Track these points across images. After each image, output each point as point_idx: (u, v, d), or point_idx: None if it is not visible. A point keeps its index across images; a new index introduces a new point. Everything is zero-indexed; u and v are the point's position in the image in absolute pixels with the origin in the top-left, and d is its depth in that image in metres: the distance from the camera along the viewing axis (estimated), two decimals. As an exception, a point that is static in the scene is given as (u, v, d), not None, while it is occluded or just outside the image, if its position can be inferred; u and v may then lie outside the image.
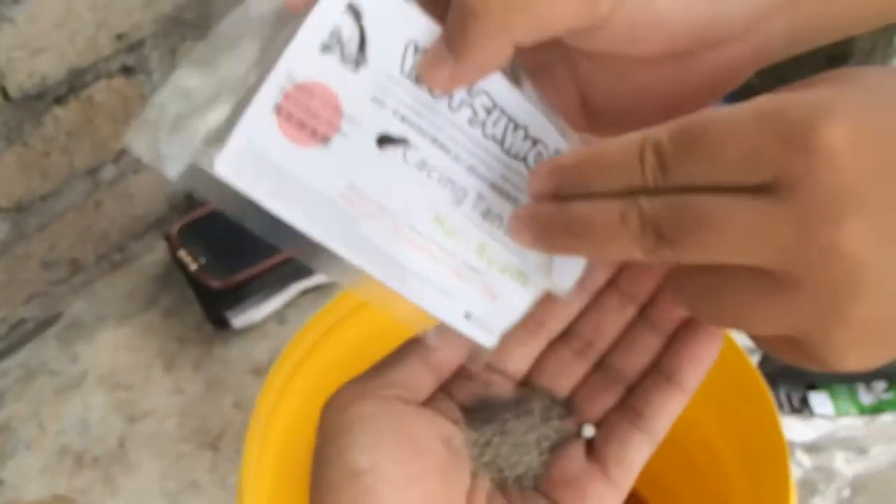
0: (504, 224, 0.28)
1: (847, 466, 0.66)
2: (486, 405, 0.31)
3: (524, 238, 0.27)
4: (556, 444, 0.31)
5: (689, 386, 0.30)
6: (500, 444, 0.30)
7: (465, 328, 0.29)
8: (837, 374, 0.69)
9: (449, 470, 0.29)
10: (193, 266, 0.76)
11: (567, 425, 0.31)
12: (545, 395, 0.31)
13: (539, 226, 0.26)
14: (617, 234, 0.24)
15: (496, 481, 0.30)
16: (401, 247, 0.26)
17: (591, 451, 0.31)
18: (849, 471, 0.65)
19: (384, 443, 0.28)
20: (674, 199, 0.23)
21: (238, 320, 0.75)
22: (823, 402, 0.69)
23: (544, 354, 0.32)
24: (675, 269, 0.26)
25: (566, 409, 0.31)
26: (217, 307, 0.76)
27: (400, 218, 0.26)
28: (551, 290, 0.30)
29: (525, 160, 0.28)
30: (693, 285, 0.25)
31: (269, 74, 0.23)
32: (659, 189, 0.23)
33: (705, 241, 0.22)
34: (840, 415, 0.68)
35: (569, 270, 0.30)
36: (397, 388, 0.29)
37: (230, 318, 0.75)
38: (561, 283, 0.30)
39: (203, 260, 0.76)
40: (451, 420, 0.30)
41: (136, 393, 0.74)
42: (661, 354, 0.31)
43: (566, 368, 0.32)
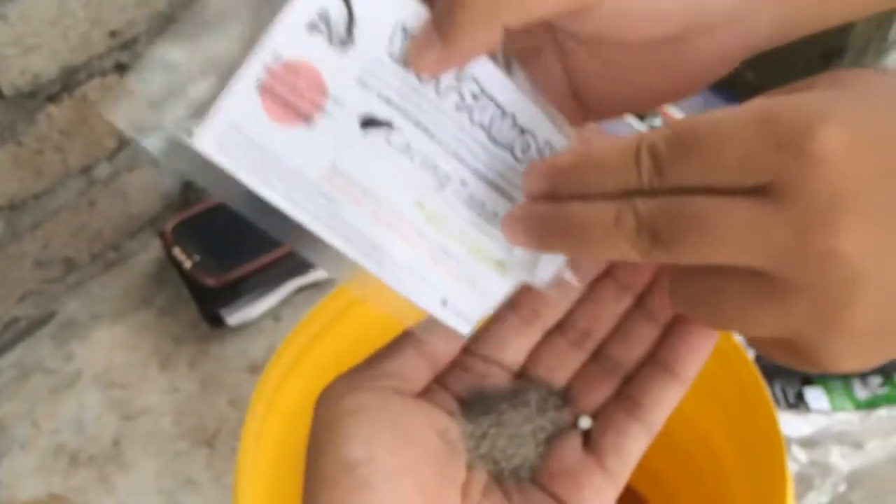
0: (487, 211, 0.28)
1: (843, 461, 0.66)
2: (482, 397, 0.31)
3: (518, 238, 0.27)
4: (553, 435, 0.30)
5: (687, 376, 0.30)
6: (496, 435, 0.30)
7: (441, 315, 0.28)
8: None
9: (444, 462, 0.29)
10: (188, 264, 0.75)
11: (563, 416, 0.31)
12: (541, 387, 0.31)
13: (533, 226, 0.26)
14: (612, 236, 0.24)
15: (492, 473, 0.30)
16: (380, 230, 0.26)
17: (587, 442, 0.30)
18: (845, 465, 0.65)
19: (379, 435, 0.28)
20: (669, 201, 0.23)
21: (233, 318, 0.75)
22: (819, 397, 0.69)
23: (540, 345, 0.32)
24: (670, 271, 0.26)
25: (563, 400, 0.31)
26: (212, 305, 0.75)
27: (381, 201, 0.26)
28: (529, 282, 0.30)
29: (512, 150, 0.28)
30: (689, 288, 0.25)
31: (255, 51, 0.23)
32: (654, 191, 0.23)
33: (701, 242, 0.22)
34: (836, 410, 0.68)
35: (547, 263, 0.30)
36: (392, 380, 0.29)
37: (225, 315, 0.75)
38: (539, 274, 0.30)
39: (197, 258, 0.76)
40: (446, 412, 0.30)
41: (131, 391, 0.74)
42: (658, 344, 0.31)
43: (562, 359, 0.32)
